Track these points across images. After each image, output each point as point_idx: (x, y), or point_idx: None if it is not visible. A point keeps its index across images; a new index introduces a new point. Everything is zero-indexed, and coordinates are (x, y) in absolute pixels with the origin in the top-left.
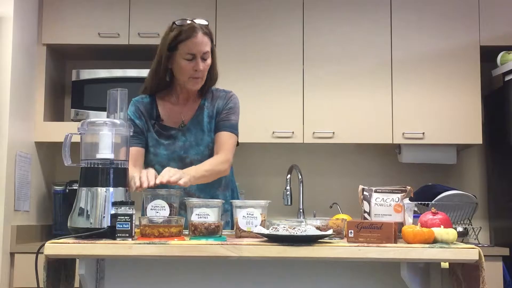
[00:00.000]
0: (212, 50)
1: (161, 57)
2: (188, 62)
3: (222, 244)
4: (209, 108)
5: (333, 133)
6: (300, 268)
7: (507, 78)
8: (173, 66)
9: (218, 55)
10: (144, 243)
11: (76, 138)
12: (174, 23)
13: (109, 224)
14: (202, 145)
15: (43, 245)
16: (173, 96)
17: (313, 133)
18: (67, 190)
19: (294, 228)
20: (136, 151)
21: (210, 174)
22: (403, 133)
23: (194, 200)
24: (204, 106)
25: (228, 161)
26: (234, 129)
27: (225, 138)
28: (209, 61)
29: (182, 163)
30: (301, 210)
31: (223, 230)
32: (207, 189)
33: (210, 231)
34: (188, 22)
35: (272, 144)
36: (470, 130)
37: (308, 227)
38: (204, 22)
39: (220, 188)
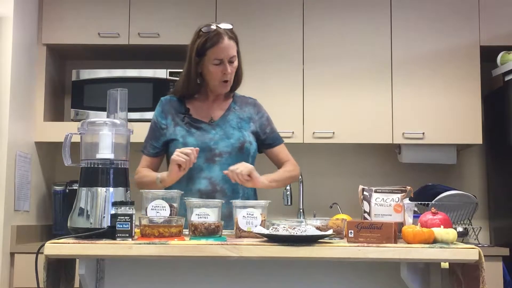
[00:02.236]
0: (238, 52)
1: (190, 62)
2: (217, 66)
3: (222, 244)
4: (238, 111)
5: (333, 133)
6: (300, 268)
7: (507, 78)
8: (203, 70)
9: None
10: (144, 243)
11: (76, 138)
12: (200, 30)
13: (109, 224)
14: (233, 138)
15: (43, 245)
16: (202, 95)
17: (313, 133)
18: (67, 190)
19: (294, 228)
20: (151, 160)
21: (284, 178)
22: (403, 133)
23: (194, 200)
24: (233, 108)
25: (296, 165)
26: (281, 139)
27: (282, 150)
28: (236, 63)
29: (211, 154)
30: (301, 210)
31: (223, 230)
32: (229, 181)
33: (210, 231)
34: (214, 28)
35: None
36: (470, 130)
37: (308, 227)
38: (228, 26)
39: None
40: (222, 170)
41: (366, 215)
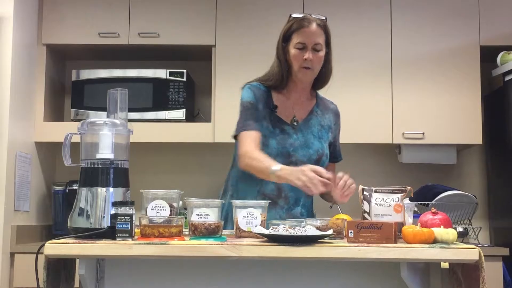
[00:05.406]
0: (328, 45)
1: (278, 48)
2: (299, 51)
3: (222, 244)
4: (320, 117)
5: None
6: (300, 268)
7: (507, 78)
8: (288, 58)
9: (217, 55)
10: (144, 243)
11: (76, 138)
12: (290, 15)
13: (109, 224)
14: (312, 148)
15: (43, 245)
16: (285, 89)
17: None
18: (67, 190)
19: (294, 228)
20: (257, 135)
21: None
22: (403, 133)
23: (194, 200)
24: (316, 112)
25: None
26: (341, 156)
27: (335, 167)
28: (321, 53)
29: (288, 160)
30: None
31: (223, 230)
32: (296, 189)
33: (210, 231)
34: (304, 14)
35: None
36: (470, 130)
37: (308, 227)
38: (321, 16)
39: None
40: None
41: (366, 215)
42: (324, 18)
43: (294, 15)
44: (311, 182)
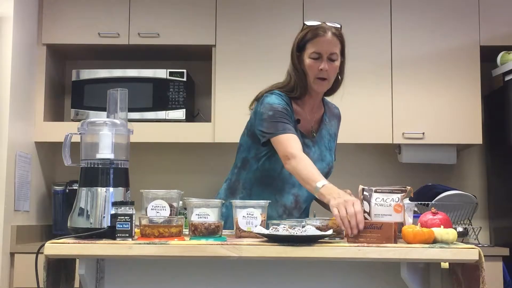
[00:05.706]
0: (342, 55)
1: (293, 57)
2: (314, 61)
3: (222, 244)
4: (328, 125)
5: None
6: (300, 268)
7: (507, 78)
8: (302, 67)
9: (217, 55)
10: (144, 243)
11: (76, 138)
12: (304, 23)
13: (109, 224)
14: (325, 162)
15: (43, 245)
16: (300, 100)
17: None
18: (67, 190)
19: (294, 228)
20: (299, 141)
21: None
22: (403, 133)
23: (194, 200)
24: (325, 121)
25: None
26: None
27: None
28: (337, 63)
29: None
30: None
31: (223, 230)
32: (308, 200)
33: (210, 231)
34: (319, 22)
35: None
36: (470, 130)
37: (308, 227)
38: (336, 25)
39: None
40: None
41: (366, 215)
42: (339, 26)
43: (308, 23)
44: (349, 219)
